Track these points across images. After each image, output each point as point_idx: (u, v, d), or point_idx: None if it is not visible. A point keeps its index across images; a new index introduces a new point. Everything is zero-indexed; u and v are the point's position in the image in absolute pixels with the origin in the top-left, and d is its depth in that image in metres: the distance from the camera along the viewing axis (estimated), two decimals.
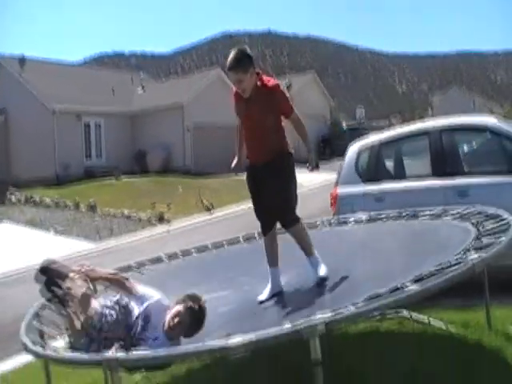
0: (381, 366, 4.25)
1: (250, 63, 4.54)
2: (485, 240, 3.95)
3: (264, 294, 4.58)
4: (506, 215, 4.36)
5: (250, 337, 3.00)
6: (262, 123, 4.62)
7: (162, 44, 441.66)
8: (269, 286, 4.65)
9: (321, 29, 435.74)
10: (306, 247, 4.65)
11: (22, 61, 29.24)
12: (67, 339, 4.02)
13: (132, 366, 3.48)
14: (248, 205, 5.16)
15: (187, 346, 3.21)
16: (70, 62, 46.74)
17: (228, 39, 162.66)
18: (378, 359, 4.41)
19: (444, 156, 6.73)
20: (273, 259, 4.77)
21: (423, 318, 5.27)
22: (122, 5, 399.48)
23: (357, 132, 37.12)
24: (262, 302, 4.53)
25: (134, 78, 36.55)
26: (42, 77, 28.89)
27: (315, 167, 4.77)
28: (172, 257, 6.52)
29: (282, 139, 4.75)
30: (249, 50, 4.68)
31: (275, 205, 4.59)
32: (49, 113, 27.18)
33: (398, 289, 3.23)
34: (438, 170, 6.66)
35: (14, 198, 23.01)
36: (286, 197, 4.60)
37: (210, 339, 3.29)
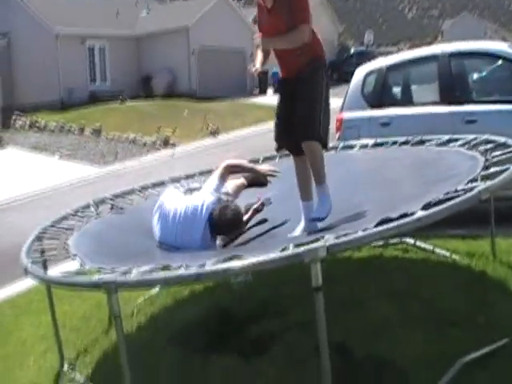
0: (379, 291, 4.30)
1: None
2: (492, 169, 3.91)
3: (297, 231, 4.21)
4: None
5: (250, 260, 2.96)
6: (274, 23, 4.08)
7: None
8: (301, 224, 4.26)
9: None
10: (317, 174, 4.11)
11: None
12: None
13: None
14: (252, 129, 4.99)
15: (189, 270, 3.11)
16: None
17: None
18: (378, 284, 4.46)
19: (453, 82, 6.60)
20: (305, 191, 4.33)
21: (427, 246, 5.29)
22: None
23: (364, 56, 36.40)
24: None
25: (138, 0, 35.79)
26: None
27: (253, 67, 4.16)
28: (175, 180, 6.32)
29: (312, 48, 4.12)
30: None
31: (297, 117, 4.08)
32: (52, 37, 26.75)
33: (405, 215, 3.16)
34: (447, 97, 6.52)
35: (18, 123, 22.99)
36: (310, 108, 4.04)
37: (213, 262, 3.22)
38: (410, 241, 5.39)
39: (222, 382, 3.63)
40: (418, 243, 5.34)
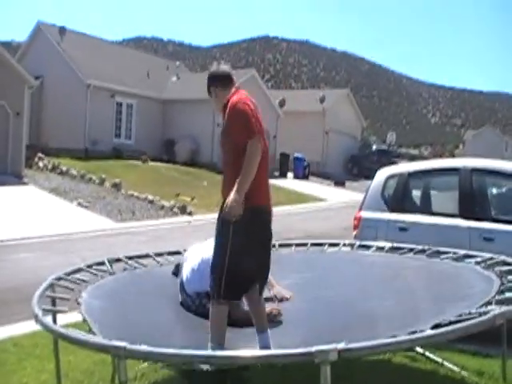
0: None
1: (211, 83, 4.15)
2: (507, 293, 4.00)
3: None
4: None
5: (263, 352, 3.11)
6: (224, 155, 4.06)
7: (201, 37, 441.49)
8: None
9: (358, 47, 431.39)
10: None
11: (63, 30, 29.47)
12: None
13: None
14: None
15: (196, 351, 3.22)
16: (109, 39, 46.94)
17: (266, 42, 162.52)
18: None
19: (473, 198, 6.69)
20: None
21: (437, 358, 5.22)
22: None
23: (386, 155, 37.11)
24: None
25: (169, 66, 36.81)
26: (80, 49, 29.18)
27: (227, 213, 3.74)
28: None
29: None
30: (215, 68, 4.21)
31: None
32: (83, 86, 27.34)
33: (416, 332, 3.25)
34: (466, 212, 6.59)
35: (41, 164, 23.29)
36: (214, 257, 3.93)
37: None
38: (420, 350, 5.32)
39: None
40: (428, 353, 5.29)
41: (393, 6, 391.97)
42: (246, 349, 3.48)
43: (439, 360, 5.21)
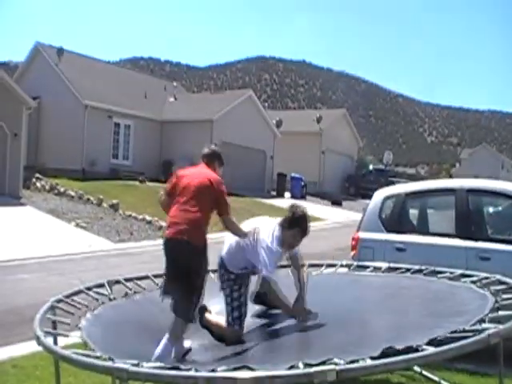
0: None
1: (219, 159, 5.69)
2: (501, 312, 4.05)
3: None
4: None
5: (261, 373, 3.06)
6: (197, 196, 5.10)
7: (198, 58, 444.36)
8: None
9: (355, 67, 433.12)
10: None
11: (60, 51, 29.65)
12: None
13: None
14: None
15: (199, 372, 3.25)
16: (106, 60, 47.19)
17: (262, 62, 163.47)
18: None
19: (469, 218, 6.77)
20: None
21: (434, 377, 5.28)
22: (160, 13, 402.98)
23: (383, 175, 37.25)
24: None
25: (166, 86, 37.04)
26: (78, 70, 29.40)
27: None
28: None
29: None
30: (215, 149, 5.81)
31: None
32: (81, 107, 27.48)
33: (413, 349, 3.30)
34: (462, 232, 6.68)
35: (39, 185, 23.34)
36: None
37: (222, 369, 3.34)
38: (417, 369, 5.36)
39: None
40: (425, 373, 5.34)
41: (389, 26, 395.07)
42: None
43: (437, 379, 5.25)
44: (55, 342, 4.23)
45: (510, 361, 4.88)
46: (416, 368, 5.35)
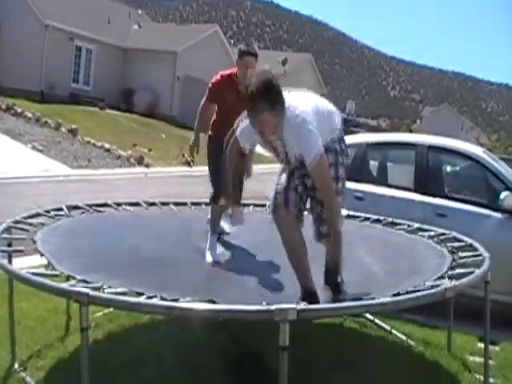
0: (336, 362, 4.37)
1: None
2: (458, 269, 4.13)
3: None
4: (481, 249, 4.47)
5: (223, 307, 3.10)
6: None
7: None
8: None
9: (324, 13, 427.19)
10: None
11: None
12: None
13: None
14: None
15: (159, 301, 3.23)
16: None
17: (229, 0, 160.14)
18: (336, 355, 4.52)
19: (428, 174, 6.87)
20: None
21: (385, 326, 5.41)
22: None
23: (345, 123, 37.30)
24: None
25: (131, 13, 36.15)
26: None
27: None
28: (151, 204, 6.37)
29: None
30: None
31: None
32: (42, 27, 26.69)
33: (372, 299, 3.41)
34: (420, 187, 6.78)
35: None
36: None
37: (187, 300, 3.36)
38: (370, 317, 5.50)
39: None
40: (377, 321, 5.47)
41: None
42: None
43: (388, 328, 5.41)
44: (10, 262, 4.07)
45: (459, 316, 5.12)
46: (368, 316, 5.49)
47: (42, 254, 4.06)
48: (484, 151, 7.33)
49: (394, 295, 3.45)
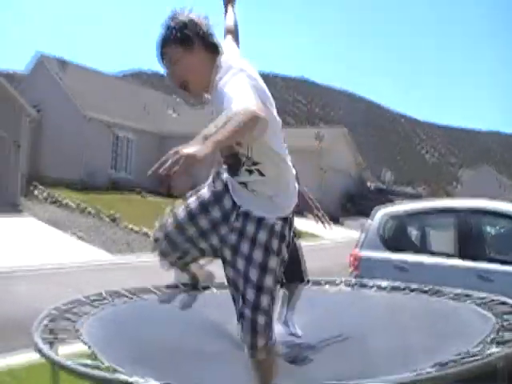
0: None
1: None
2: (506, 334, 3.99)
3: None
4: None
5: None
6: None
7: None
8: None
9: (355, 86, 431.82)
10: None
11: (63, 63, 30.09)
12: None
13: None
14: None
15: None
16: (108, 72, 47.03)
17: (262, 78, 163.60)
18: None
19: (470, 238, 6.73)
20: None
21: None
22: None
23: (382, 194, 37.27)
24: None
25: (167, 100, 37.15)
26: (79, 82, 29.53)
27: None
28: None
29: None
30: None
31: None
32: (82, 118, 27.70)
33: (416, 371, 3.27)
34: (463, 252, 6.65)
35: (37, 195, 23.27)
36: None
37: None
38: None
39: None
40: None
41: (391, 45, 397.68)
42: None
43: None
44: (53, 349, 4.14)
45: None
46: None
47: (85, 343, 4.08)
48: None
49: (436, 365, 3.33)
